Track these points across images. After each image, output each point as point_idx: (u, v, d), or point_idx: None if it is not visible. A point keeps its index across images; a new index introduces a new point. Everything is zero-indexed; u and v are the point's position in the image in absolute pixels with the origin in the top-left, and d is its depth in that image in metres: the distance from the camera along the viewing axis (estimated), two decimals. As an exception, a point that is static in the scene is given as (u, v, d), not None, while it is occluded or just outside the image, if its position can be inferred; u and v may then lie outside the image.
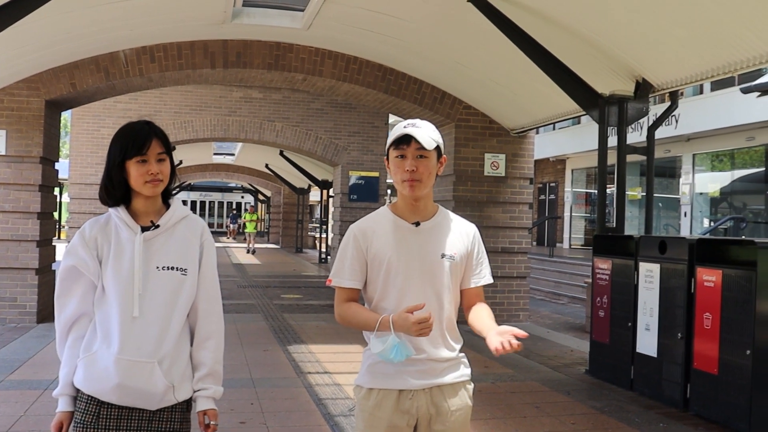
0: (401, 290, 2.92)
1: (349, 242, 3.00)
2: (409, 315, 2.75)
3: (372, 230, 2.99)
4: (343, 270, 2.98)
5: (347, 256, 2.99)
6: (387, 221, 3.01)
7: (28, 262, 10.77)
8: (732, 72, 7.53)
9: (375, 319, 2.84)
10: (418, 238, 2.97)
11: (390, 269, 2.93)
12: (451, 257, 2.97)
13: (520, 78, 10.30)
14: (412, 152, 2.89)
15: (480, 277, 3.08)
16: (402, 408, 2.91)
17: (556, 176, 30.39)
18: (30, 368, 7.93)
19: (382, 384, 2.92)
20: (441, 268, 2.95)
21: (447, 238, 3.01)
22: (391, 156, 2.95)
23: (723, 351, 6.42)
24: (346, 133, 20.36)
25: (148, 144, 2.77)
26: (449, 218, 3.08)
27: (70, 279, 2.82)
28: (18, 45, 9.36)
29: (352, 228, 3.03)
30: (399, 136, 2.89)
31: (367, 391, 2.96)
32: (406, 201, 2.99)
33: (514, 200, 12.35)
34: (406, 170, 2.89)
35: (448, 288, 2.97)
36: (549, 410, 6.80)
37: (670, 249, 7.25)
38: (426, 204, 3.01)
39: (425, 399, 2.92)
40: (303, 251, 34.73)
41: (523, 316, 12.39)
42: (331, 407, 6.61)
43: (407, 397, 2.91)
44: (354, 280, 2.97)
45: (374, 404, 2.92)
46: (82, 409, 2.77)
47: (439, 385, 2.95)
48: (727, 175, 21.52)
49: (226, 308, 10.71)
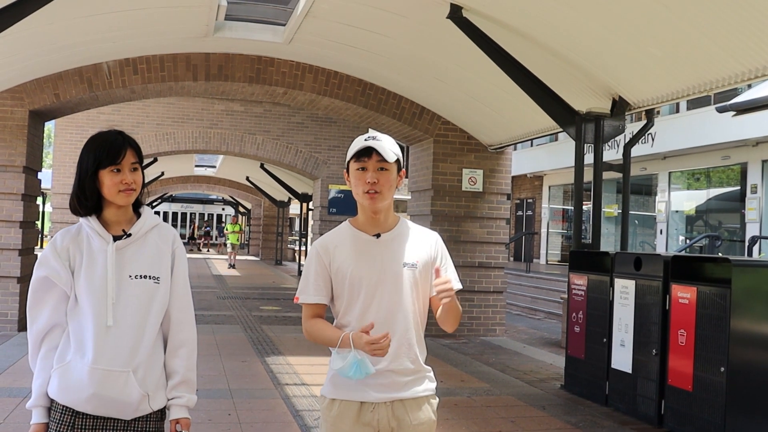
0: (364, 302, 2.94)
1: (312, 259, 3.03)
2: (363, 334, 2.78)
3: (333, 245, 3.01)
4: (308, 286, 3.01)
5: (311, 273, 3.01)
6: (348, 235, 3.03)
7: (10, 270, 10.75)
8: (707, 91, 7.65)
9: (337, 336, 2.87)
10: (379, 250, 2.99)
11: (353, 282, 2.95)
12: (413, 265, 2.99)
13: (498, 94, 10.41)
14: (373, 165, 2.91)
15: None
16: (363, 420, 2.92)
17: (533, 192, 30.57)
18: (10, 376, 7.91)
19: (344, 395, 2.94)
20: (403, 277, 2.97)
21: (408, 248, 3.02)
22: (351, 169, 2.96)
23: (697, 368, 6.48)
24: (326, 147, 20.45)
25: (123, 154, 2.78)
26: (410, 228, 3.10)
27: (42, 290, 2.81)
28: (2, 55, 9.38)
29: (315, 245, 3.05)
30: (360, 148, 2.91)
31: (330, 401, 2.99)
32: (366, 213, 3.01)
33: (491, 215, 12.44)
34: (367, 182, 2.90)
35: (412, 298, 2.98)
36: (524, 425, 6.86)
37: (646, 266, 7.33)
38: (386, 216, 3.03)
39: (386, 412, 2.93)
40: (282, 263, 34.67)
41: (499, 331, 12.47)
42: (307, 419, 6.64)
43: (368, 409, 2.92)
44: (319, 295, 3.00)
45: (336, 415, 2.95)
46: (57, 420, 2.75)
47: (401, 399, 2.95)
48: (702, 194, 21.75)
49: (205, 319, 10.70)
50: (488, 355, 10.56)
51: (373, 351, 2.75)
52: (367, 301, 2.94)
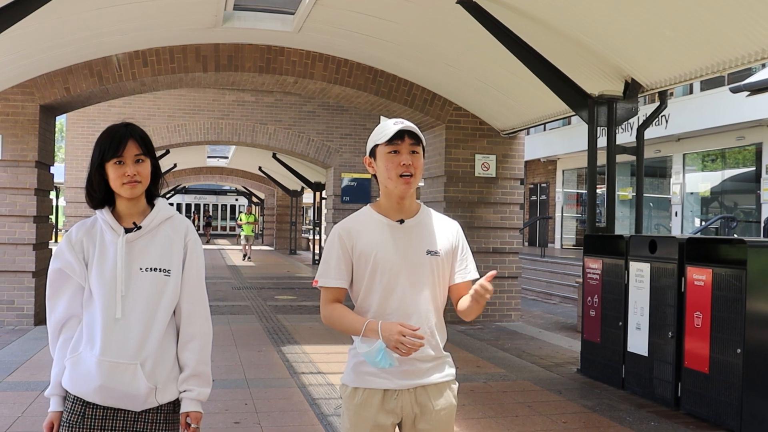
0: (386, 287, 2.93)
1: (334, 242, 3.01)
2: (397, 325, 2.77)
3: (356, 229, 2.99)
4: (328, 270, 2.99)
5: (332, 256, 2.99)
6: (371, 220, 3.02)
7: (25, 265, 10.82)
8: (721, 71, 7.58)
9: (360, 323, 2.86)
10: (403, 236, 2.98)
11: (376, 267, 2.94)
12: (435, 253, 2.99)
13: (509, 79, 10.36)
14: (406, 147, 2.91)
15: (466, 272, 3.08)
16: (387, 407, 2.92)
17: (547, 177, 30.47)
18: (27, 370, 7.97)
19: (367, 383, 2.93)
20: (426, 264, 2.97)
21: (431, 235, 3.02)
22: (382, 152, 2.94)
23: (714, 350, 6.46)
24: (338, 135, 20.43)
25: (123, 145, 2.77)
26: (432, 216, 3.10)
27: (58, 282, 2.84)
28: (12, 50, 9.40)
29: (336, 228, 3.03)
30: (395, 132, 2.90)
31: (353, 390, 2.97)
32: (391, 199, 3.00)
33: (504, 201, 12.42)
34: (402, 164, 2.90)
35: (433, 285, 2.98)
36: (541, 409, 6.85)
37: (661, 248, 7.30)
38: (410, 202, 3.03)
39: (410, 399, 2.93)
40: (297, 253, 34.72)
41: (515, 316, 12.46)
42: (324, 407, 6.66)
43: (392, 396, 2.92)
44: (339, 279, 2.98)
45: (359, 403, 2.94)
46: (68, 409, 2.79)
47: (423, 385, 2.96)
48: (717, 175, 21.62)
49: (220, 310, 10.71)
50: (504, 340, 10.56)
51: (398, 343, 2.73)
52: (389, 287, 2.93)
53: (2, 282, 10.75)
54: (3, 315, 10.74)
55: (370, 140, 3.01)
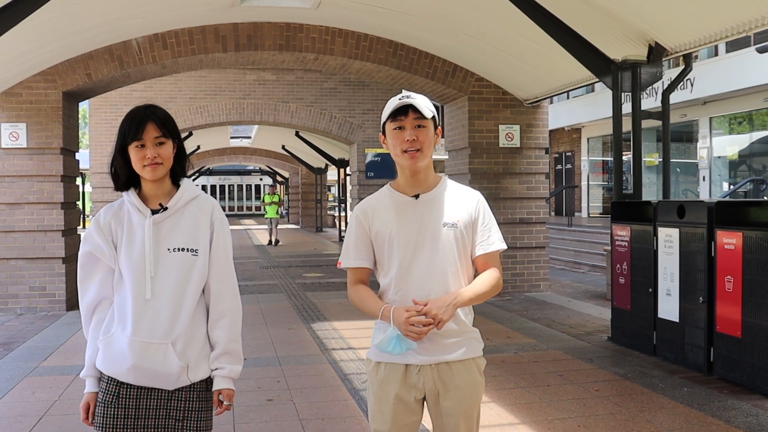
0: (403, 264, 2.91)
1: (352, 223, 3.02)
2: (404, 312, 2.77)
3: (373, 208, 2.99)
4: (349, 251, 3.00)
5: (352, 237, 3.01)
6: (387, 198, 3.01)
7: (55, 251, 10.94)
8: (747, 31, 7.45)
9: (377, 308, 2.87)
10: (418, 211, 2.95)
11: (391, 244, 2.92)
12: (453, 225, 2.93)
13: (531, 47, 10.26)
14: (410, 122, 2.88)
15: (489, 243, 2.99)
16: (409, 383, 2.91)
17: (571, 145, 30.26)
18: (61, 354, 8.07)
19: (389, 358, 2.92)
20: (443, 238, 2.92)
21: (448, 208, 2.97)
22: (388, 129, 2.93)
23: (746, 313, 6.41)
24: (360, 111, 20.39)
25: (143, 128, 2.78)
26: (451, 188, 3.04)
27: (88, 265, 2.87)
28: (33, 39, 9.43)
29: (355, 209, 3.04)
30: (396, 107, 2.88)
31: (375, 364, 2.98)
32: (405, 174, 2.98)
33: (530, 171, 12.35)
34: (406, 140, 2.87)
35: (453, 258, 2.93)
36: (572, 378, 6.84)
37: (689, 213, 7.23)
38: (426, 175, 2.99)
39: (432, 374, 2.91)
40: (323, 230, 34.84)
41: (543, 286, 12.43)
42: (355, 382, 6.68)
43: (414, 371, 2.91)
44: (360, 259, 2.98)
45: (382, 378, 2.94)
46: (103, 389, 2.83)
47: (447, 362, 2.91)
48: (745, 138, 21.36)
49: (249, 289, 10.80)
50: (533, 310, 10.54)
51: (407, 331, 2.74)
52: (406, 263, 2.91)
53: (33, 269, 10.88)
54: (35, 301, 10.87)
55: (382, 117, 2.99)
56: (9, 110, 10.80)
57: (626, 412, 5.76)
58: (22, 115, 10.81)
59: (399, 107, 2.88)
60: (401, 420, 2.94)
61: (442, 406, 2.92)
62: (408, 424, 2.97)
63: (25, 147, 10.80)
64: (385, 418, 2.94)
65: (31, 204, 10.84)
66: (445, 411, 2.92)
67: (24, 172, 10.81)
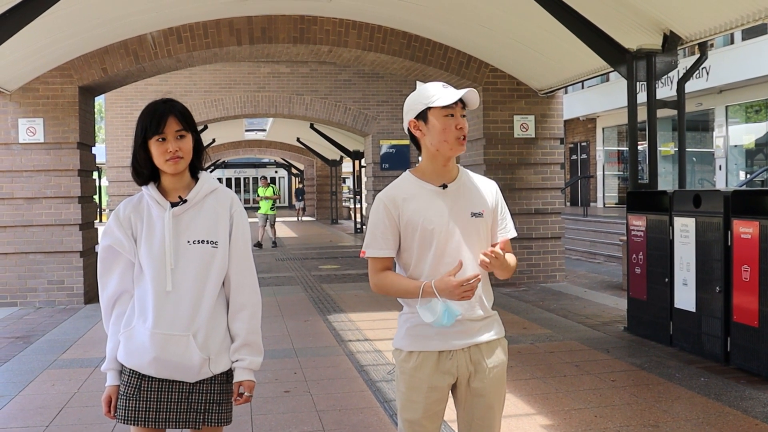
0: (436, 253, 2.93)
1: (379, 211, 3.00)
2: (451, 278, 2.78)
3: (401, 197, 2.98)
4: (375, 240, 2.99)
5: (378, 226, 2.99)
6: (414, 186, 3.01)
7: (73, 245, 11.02)
8: (763, 19, 7.39)
9: (416, 287, 2.87)
10: (447, 200, 2.98)
11: (424, 234, 2.94)
12: (479, 214, 3.00)
13: (545, 37, 10.23)
14: (459, 111, 2.93)
15: (506, 231, 3.10)
16: (442, 369, 2.95)
17: (587, 135, 30.15)
18: (80, 347, 8.14)
19: (422, 346, 2.95)
20: (472, 226, 2.98)
21: (474, 197, 3.03)
22: (438, 115, 2.92)
23: (763, 303, 6.37)
24: (374, 103, 20.39)
25: (164, 122, 2.80)
26: (471, 177, 3.10)
27: (109, 258, 2.89)
28: (49, 34, 9.49)
29: (380, 197, 3.02)
30: (450, 95, 2.90)
31: (407, 354, 2.99)
32: (437, 162, 2.99)
33: (545, 161, 12.33)
34: (458, 128, 2.92)
35: (480, 246, 2.98)
36: (589, 368, 6.84)
37: (705, 202, 7.20)
38: (453, 165, 3.04)
39: (464, 358, 2.96)
40: (338, 222, 34.87)
41: (559, 277, 12.41)
42: (372, 373, 6.71)
43: (447, 357, 2.95)
44: (388, 249, 2.98)
45: (415, 366, 2.96)
46: (125, 382, 2.86)
47: (477, 344, 2.98)
48: (762, 126, 21.22)
49: (265, 281, 10.82)
50: (549, 301, 10.53)
51: (462, 293, 2.77)
52: (439, 252, 2.94)
53: (51, 263, 10.96)
54: (54, 295, 10.97)
55: (417, 102, 2.97)
56: (26, 105, 10.87)
57: (643, 403, 5.76)
58: (39, 110, 10.88)
59: (451, 95, 2.92)
60: (432, 408, 2.98)
61: (472, 387, 2.99)
62: (437, 411, 3.01)
63: (42, 142, 10.87)
64: (417, 406, 2.97)
65: (48, 198, 10.92)
66: (477, 392, 2.99)
67: (41, 167, 10.89)
